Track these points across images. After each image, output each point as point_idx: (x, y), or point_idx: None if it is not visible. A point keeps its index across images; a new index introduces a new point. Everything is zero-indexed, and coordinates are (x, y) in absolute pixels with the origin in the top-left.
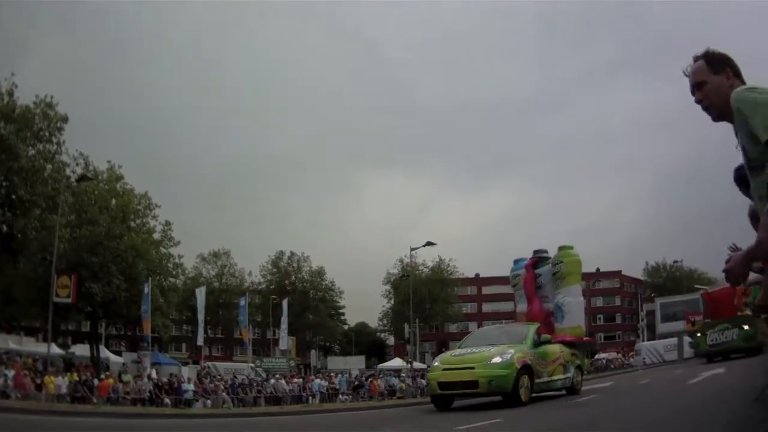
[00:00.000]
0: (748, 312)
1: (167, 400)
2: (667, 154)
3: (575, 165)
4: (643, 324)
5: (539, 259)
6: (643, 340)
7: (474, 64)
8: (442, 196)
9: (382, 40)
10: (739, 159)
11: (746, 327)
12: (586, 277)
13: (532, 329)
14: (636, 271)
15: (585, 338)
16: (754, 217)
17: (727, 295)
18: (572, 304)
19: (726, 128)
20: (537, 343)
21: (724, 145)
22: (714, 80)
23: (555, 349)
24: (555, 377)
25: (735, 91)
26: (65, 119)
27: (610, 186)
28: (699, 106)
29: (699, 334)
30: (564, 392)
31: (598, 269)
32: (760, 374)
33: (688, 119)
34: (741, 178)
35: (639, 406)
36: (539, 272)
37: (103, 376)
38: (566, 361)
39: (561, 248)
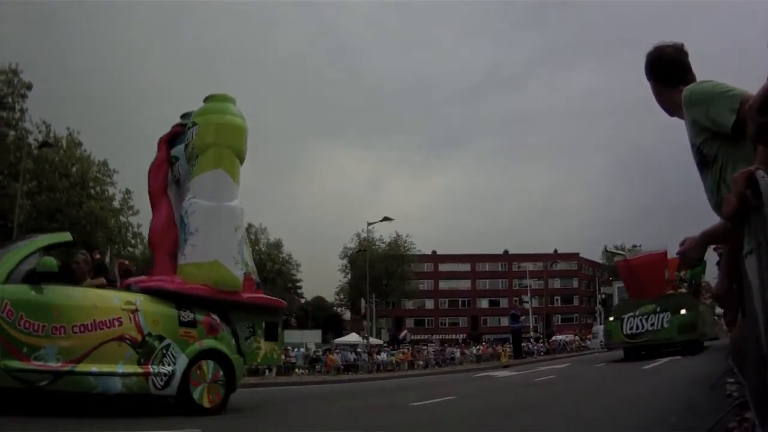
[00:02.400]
0: (683, 290)
1: None
2: (622, 137)
3: (531, 144)
4: (600, 307)
5: (182, 127)
6: (601, 323)
7: (430, 41)
8: (400, 172)
9: (340, 14)
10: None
11: (683, 311)
12: (543, 258)
13: (18, 253)
14: (595, 254)
15: (247, 294)
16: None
17: (655, 265)
18: (203, 215)
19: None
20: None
21: (683, 130)
22: (666, 92)
23: (99, 300)
24: (88, 367)
25: (687, 88)
26: (29, 86)
27: (565, 167)
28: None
29: (612, 319)
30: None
31: (555, 251)
32: (718, 361)
33: (646, 105)
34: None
35: (593, 393)
36: (175, 153)
37: None
38: (148, 338)
39: (206, 99)
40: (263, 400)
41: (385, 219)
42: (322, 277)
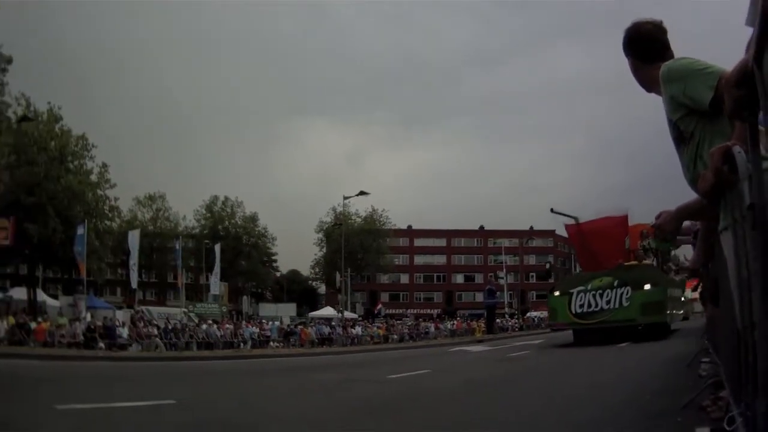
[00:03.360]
0: (649, 261)
1: (101, 344)
2: (603, 117)
3: (511, 123)
4: None
5: None
6: None
7: (412, 18)
8: (378, 147)
9: None
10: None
11: (648, 287)
12: (519, 234)
13: None
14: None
15: None
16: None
17: (613, 231)
18: None
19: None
20: None
21: (662, 109)
22: (644, 68)
23: None
24: None
25: (665, 64)
26: (9, 60)
27: (546, 146)
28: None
29: (556, 294)
30: None
31: (531, 227)
32: (694, 341)
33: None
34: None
35: (567, 370)
36: None
37: (40, 320)
38: None
39: None
40: (238, 371)
41: (362, 193)
42: (297, 251)
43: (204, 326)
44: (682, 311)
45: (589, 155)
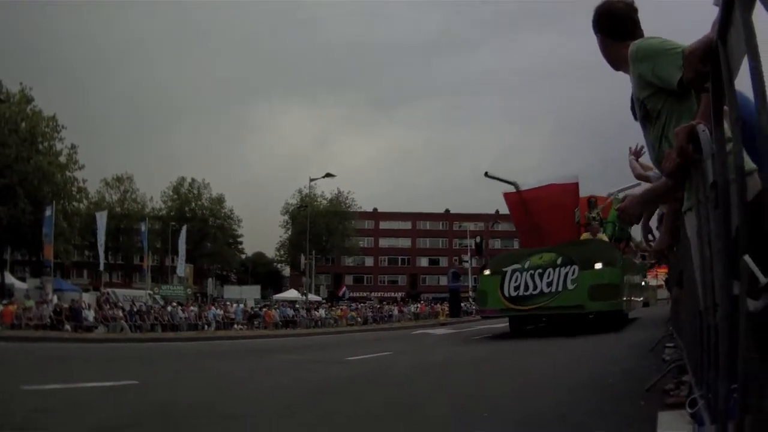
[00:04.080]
0: (603, 236)
1: (68, 326)
2: (573, 101)
3: (481, 107)
4: None
5: None
6: None
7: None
8: (346, 129)
9: None
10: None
11: (599, 266)
12: (485, 218)
13: None
14: None
15: None
16: (659, 162)
17: (560, 200)
18: None
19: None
20: None
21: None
22: (613, 46)
23: None
24: None
25: (634, 43)
26: None
27: (510, 130)
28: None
29: (487, 273)
30: None
31: (497, 211)
32: (659, 325)
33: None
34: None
35: (530, 353)
36: None
37: (6, 302)
38: None
39: None
40: (201, 353)
41: (328, 175)
42: (263, 233)
43: (169, 308)
44: (641, 298)
45: (559, 140)
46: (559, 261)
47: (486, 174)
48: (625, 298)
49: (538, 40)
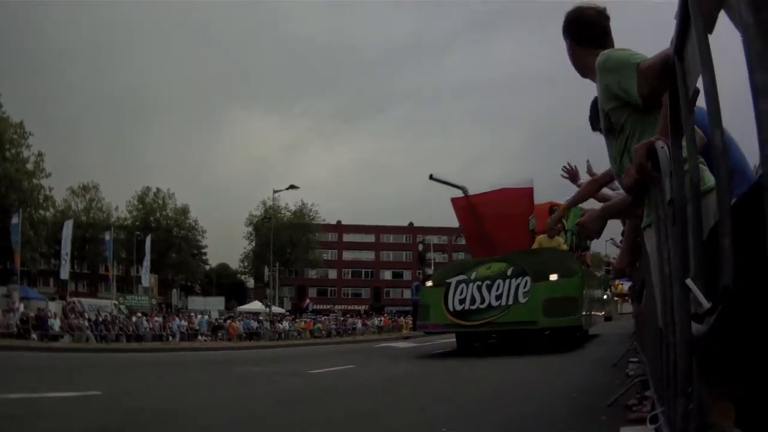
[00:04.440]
0: (564, 245)
1: (34, 335)
2: (543, 110)
3: (448, 115)
4: None
5: None
6: None
7: (352, 4)
8: (308, 140)
9: None
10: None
11: (555, 277)
12: (448, 231)
13: None
14: None
15: None
16: (620, 175)
17: (513, 206)
18: None
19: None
20: None
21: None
22: (581, 53)
23: None
24: None
25: (603, 53)
26: None
27: (480, 138)
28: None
29: (429, 285)
30: None
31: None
32: (622, 341)
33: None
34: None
35: (493, 368)
36: None
37: None
38: None
39: None
40: (165, 364)
41: (291, 187)
42: (227, 244)
43: (134, 318)
44: (603, 312)
45: (528, 150)
46: (509, 272)
47: (431, 177)
48: (584, 313)
49: (509, 47)
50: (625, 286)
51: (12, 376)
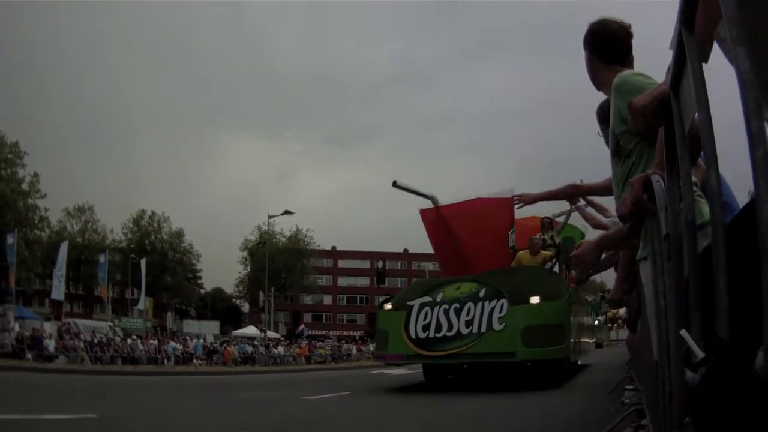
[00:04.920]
0: (549, 254)
1: (29, 355)
2: (534, 139)
3: (440, 144)
4: None
5: None
6: None
7: (342, 35)
8: (304, 165)
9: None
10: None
11: (536, 300)
12: (416, 258)
13: None
14: None
15: None
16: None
17: (491, 218)
18: None
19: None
20: None
21: (592, 134)
22: (599, 66)
23: None
24: None
25: (620, 75)
26: None
27: (475, 168)
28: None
29: (388, 308)
30: None
31: None
32: (619, 367)
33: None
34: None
35: (490, 393)
36: None
37: None
38: None
39: None
40: (160, 387)
41: (286, 212)
42: (222, 269)
43: (129, 341)
44: (593, 339)
45: (524, 178)
46: (482, 293)
47: (394, 184)
48: (572, 341)
49: (499, 77)
50: (621, 311)
51: (7, 396)
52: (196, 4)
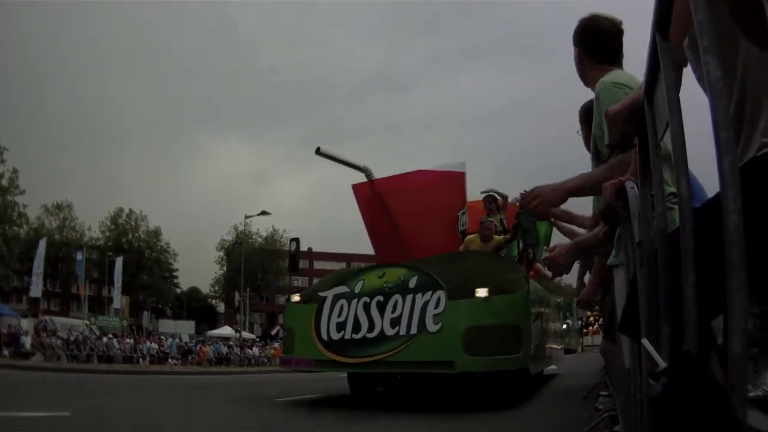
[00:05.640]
0: (501, 240)
1: (6, 352)
2: (509, 142)
3: (417, 147)
4: None
5: None
6: None
7: (323, 38)
8: (282, 167)
9: (236, 5)
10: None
11: (483, 294)
12: None
13: None
14: None
15: None
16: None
17: (438, 195)
18: None
19: (566, 125)
20: None
21: (565, 137)
22: (588, 63)
23: None
24: None
25: (603, 81)
26: None
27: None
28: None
29: (295, 300)
30: None
31: None
32: (593, 373)
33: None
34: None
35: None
36: None
37: None
38: None
39: None
40: (135, 386)
41: (263, 213)
42: (198, 268)
43: (105, 339)
44: (560, 345)
45: (498, 179)
46: (412, 282)
47: (317, 151)
48: (532, 347)
49: (479, 79)
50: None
51: None
52: (181, 5)
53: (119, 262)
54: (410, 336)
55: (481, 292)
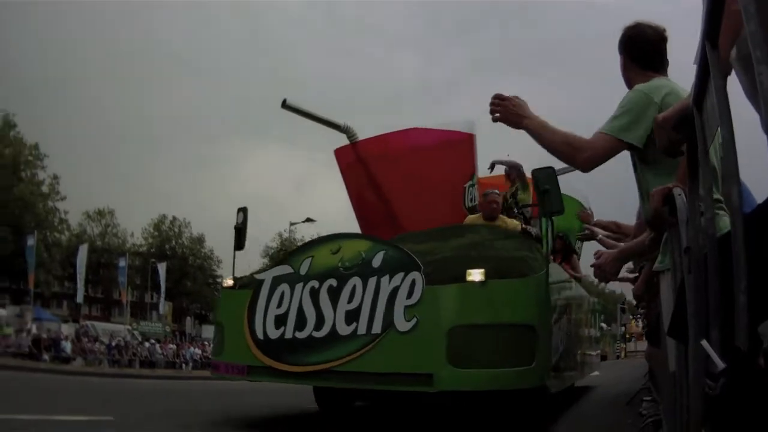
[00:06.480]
0: (526, 226)
1: (46, 356)
2: (541, 154)
3: None
4: None
5: None
6: None
7: (360, 47)
8: (326, 174)
9: (271, 14)
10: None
11: (478, 275)
12: None
13: None
14: None
15: None
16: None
17: (443, 159)
18: None
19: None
20: None
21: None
22: (633, 71)
23: None
24: None
25: (637, 88)
26: None
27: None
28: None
29: (229, 283)
30: None
31: None
32: (637, 378)
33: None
34: None
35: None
36: None
37: None
38: None
39: None
40: (177, 391)
41: (308, 220)
42: (242, 275)
43: (147, 345)
44: (595, 352)
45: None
46: (376, 260)
47: (284, 104)
48: (554, 357)
49: (517, 87)
50: (639, 323)
51: (23, 396)
52: (220, 17)
53: (162, 267)
54: (372, 337)
55: (475, 275)
